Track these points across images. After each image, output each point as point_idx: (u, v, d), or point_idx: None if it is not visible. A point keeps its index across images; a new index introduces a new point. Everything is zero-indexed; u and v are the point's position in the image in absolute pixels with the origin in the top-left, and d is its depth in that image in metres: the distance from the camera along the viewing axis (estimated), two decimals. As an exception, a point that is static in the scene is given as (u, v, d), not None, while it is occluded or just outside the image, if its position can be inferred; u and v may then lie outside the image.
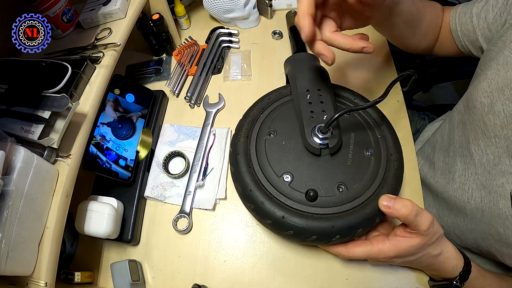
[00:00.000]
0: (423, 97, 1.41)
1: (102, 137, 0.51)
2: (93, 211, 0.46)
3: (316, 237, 0.37)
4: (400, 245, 0.37)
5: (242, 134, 0.44)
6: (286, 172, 0.40)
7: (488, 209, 0.43)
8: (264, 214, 0.38)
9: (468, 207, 0.47)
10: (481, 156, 0.45)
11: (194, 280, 0.48)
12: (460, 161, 0.49)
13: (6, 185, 0.33)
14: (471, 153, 0.47)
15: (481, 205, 0.44)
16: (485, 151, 0.45)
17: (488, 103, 0.43)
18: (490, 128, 0.43)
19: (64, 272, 0.46)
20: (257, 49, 0.71)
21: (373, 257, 0.38)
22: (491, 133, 0.43)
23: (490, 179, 0.43)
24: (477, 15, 0.50)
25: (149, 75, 0.70)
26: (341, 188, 0.39)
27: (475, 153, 0.46)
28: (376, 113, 0.46)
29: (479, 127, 0.45)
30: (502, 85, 0.42)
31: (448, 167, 0.53)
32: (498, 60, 0.43)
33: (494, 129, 0.43)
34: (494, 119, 0.42)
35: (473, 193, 0.46)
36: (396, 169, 0.41)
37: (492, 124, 0.43)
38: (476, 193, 0.46)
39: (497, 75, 0.43)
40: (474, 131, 0.46)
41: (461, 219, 0.48)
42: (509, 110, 0.41)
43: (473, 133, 0.47)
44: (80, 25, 0.55)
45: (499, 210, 0.41)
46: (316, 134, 0.39)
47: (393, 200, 0.35)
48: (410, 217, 0.35)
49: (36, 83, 0.43)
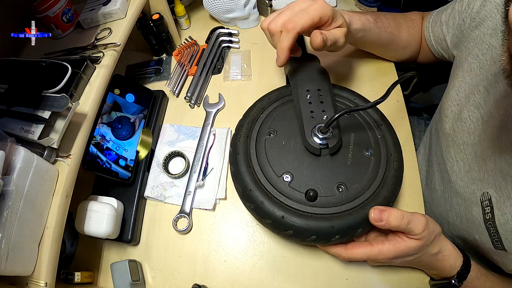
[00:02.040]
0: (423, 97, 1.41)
1: (102, 137, 0.51)
2: (93, 211, 0.46)
3: (316, 237, 0.37)
4: (399, 245, 0.37)
5: (242, 134, 0.44)
6: (286, 172, 0.40)
7: (465, 216, 0.43)
8: (264, 214, 0.38)
9: (450, 215, 0.47)
10: (452, 163, 0.45)
11: (194, 280, 0.48)
12: (437, 170, 0.50)
13: (6, 185, 0.33)
14: (444, 161, 0.47)
15: (459, 212, 0.44)
16: (455, 158, 0.45)
17: (457, 111, 0.44)
18: (459, 135, 0.44)
19: (64, 272, 0.46)
20: (257, 49, 0.71)
21: (372, 258, 0.38)
22: (460, 140, 0.43)
23: (463, 186, 0.43)
24: (446, 23, 0.51)
25: (149, 75, 0.70)
26: (341, 188, 0.39)
27: (447, 161, 0.46)
28: (376, 114, 0.46)
29: (450, 135, 0.45)
30: (468, 92, 0.42)
31: (429, 176, 0.53)
32: (463, 67, 0.44)
33: (462, 136, 0.43)
34: (462, 126, 0.43)
35: (451, 201, 0.46)
36: (396, 169, 0.41)
37: (460, 131, 0.43)
38: (454, 201, 0.46)
39: (464, 82, 0.43)
40: (446, 139, 0.47)
41: (446, 227, 0.49)
42: (474, 116, 0.41)
43: (445, 141, 0.47)
44: (80, 25, 0.55)
45: (473, 217, 0.41)
46: (316, 134, 0.39)
47: (383, 212, 0.36)
48: (402, 226, 0.35)
49: (36, 83, 0.43)
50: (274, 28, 0.41)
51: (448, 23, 0.50)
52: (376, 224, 0.36)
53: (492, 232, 0.38)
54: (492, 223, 0.38)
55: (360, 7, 0.77)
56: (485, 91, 0.40)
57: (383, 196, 0.39)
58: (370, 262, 0.43)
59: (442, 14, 0.52)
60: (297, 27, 0.38)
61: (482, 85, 0.40)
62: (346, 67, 0.67)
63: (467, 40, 0.45)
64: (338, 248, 0.39)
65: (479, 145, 0.41)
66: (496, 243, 0.38)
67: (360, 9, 0.77)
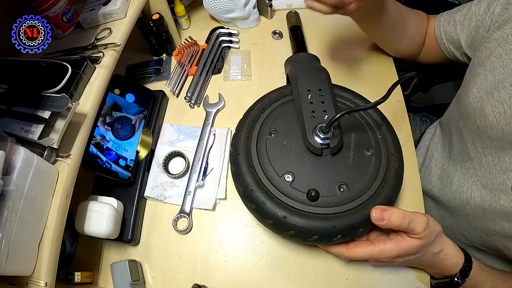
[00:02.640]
0: (422, 97, 1.41)
1: (102, 137, 0.51)
2: (93, 211, 0.46)
3: (318, 237, 0.37)
4: (401, 244, 0.37)
5: (242, 133, 0.44)
6: (287, 172, 0.40)
7: (489, 206, 0.44)
8: (265, 214, 0.38)
9: (468, 207, 0.47)
10: (480, 158, 0.46)
11: (194, 280, 0.48)
12: (461, 167, 0.50)
13: (6, 185, 0.32)
14: (471, 158, 0.48)
15: (481, 204, 0.45)
16: (483, 153, 0.46)
17: (479, 108, 0.45)
18: (483, 131, 0.44)
19: (64, 272, 0.46)
20: (257, 49, 0.71)
21: (374, 257, 0.38)
22: (485, 135, 0.44)
23: (491, 179, 0.44)
24: (461, 23, 0.52)
25: (149, 75, 0.70)
26: (342, 188, 0.39)
27: (474, 157, 0.47)
28: (377, 114, 0.46)
29: (474, 131, 0.46)
30: (491, 89, 0.43)
31: (446, 173, 0.53)
32: (485, 66, 0.45)
33: (486, 131, 0.44)
34: (485, 121, 0.44)
35: (471, 193, 0.47)
36: (397, 169, 0.41)
37: (484, 127, 0.44)
38: (475, 193, 0.46)
39: (486, 80, 0.45)
40: (471, 136, 0.47)
41: (463, 219, 0.49)
42: (497, 111, 0.42)
43: (470, 138, 0.48)
44: (80, 25, 0.55)
45: (501, 206, 0.42)
46: (317, 134, 0.39)
47: (384, 212, 0.36)
48: (403, 225, 0.36)
49: (36, 83, 0.43)
50: None
51: (463, 23, 0.51)
52: (378, 223, 0.36)
53: None
54: None
55: (360, 7, 0.77)
56: (510, 87, 0.41)
57: (384, 195, 0.39)
58: (371, 262, 0.43)
59: (456, 14, 0.53)
60: None
61: (507, 82, 0.42)
62: (346, 67, 0.67)
63: (488, 41, 0.46)
64: (339, 247, 0.39)
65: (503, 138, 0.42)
66: None
67: (360, 9, 0.77)
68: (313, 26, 0.73)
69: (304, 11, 0.75)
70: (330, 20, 0.75)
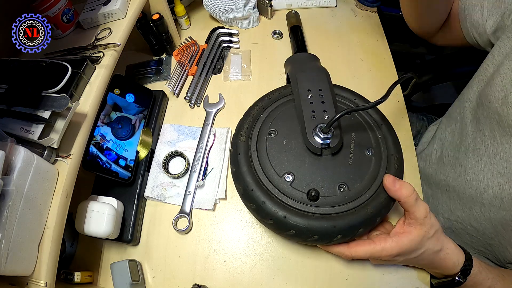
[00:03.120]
0: (423, 97, 1.41)
1: (102, 137, 0.51)
2: (93, 211, 0.46)
3: (318, 237, 0.37)
4: (401, 241, 0.37)
5: (242, 133, 0.44)
6: (288, 172, 0.40)
7: (508, 195, 0.43)
8: (265, 214, 0.38)
9: (485, 196, 0.47)
10: (496, 147, 0.46)
11: (194, 280, 0.48)
12: (473, 155, 0.50)
13: (6, 185, 0.33)
14: (486, 145, 0.48)
15: (500, 193, 0.45)
16: (501, 141, 0.46)
17: (502, 96, 0.45)
18: (504, 119, 0.44)
19: (64, 272, 0.46)
20: (257, 49, 0.71)
21: (376, 255, 0.38)
22: (505, 123, 0.44)
23: (508, 167, 0.44)
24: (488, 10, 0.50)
25: (149, 75, 0.70)
26: (343, 188, 0.39)
27: (490, 145, 0.47)
28: (377, 114, 0.46)
29: (494, 119, 0.46)
30: None
31: (459, 161, 0.53)
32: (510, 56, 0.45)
33: (507, 119, 0.44)
34: (507, 110, 0.43)
35: (489, 182, 0.47)
36: (397, 169, 0.41)
37: (506, 115, 0.44)
38: (493, 181, 0.46)
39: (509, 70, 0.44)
40: (490, 124, 0.47)
41: (477, 209, 0.49)
42: None
43: (489, 126, 0.48)
44: (80, 25, 0.55)
45: None
46: (317, 134, 0.39)
47: (396, 181, 0.37)
48: (411, 199, 0.36)
49: (36, 83, 0.43)
50: None
51: (491, 10, 0.50)
52: (389, 189, 0.37)
53: None
54: None
55: (360, 7, 0.77)
56: None
57: (384, 196, 0.39)
58: (372, 261, 0.43)
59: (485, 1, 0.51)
60: None
61: None
62: (346, 67, 0.67)
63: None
64: (340, 247, 0.39)
65: None
66: None
67: (360, 9, 0.77)
68: (313, 26, 0.73)
69: (304, 11, 0.75)
70: (330, 21, 0.76)
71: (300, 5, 0.77)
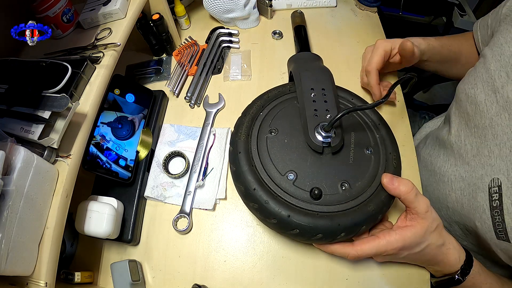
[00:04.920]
0: (423, 97, 1.41)
1: (102, 137, 0.51)
2: (93, 211, 0.46)
3: (322, 236, 0.37)
4: (405, 233, 0.37)
5: (242, 132, 0.44)
6: (290, 170, 0.40)
7: (468, 201, 0.43)
8: (268, 213, 0.38)
9: (449, 199, 0.47)
10: (460, 146, 0.46)
11: (194, 280, 0.48)
12: (443, 153, 0.51)
13: (6, 185, 0.32)
14: (452, 144, 0.48)
15: (461, 198, 0.45)
16: (464, 141, 0.45)
17: (472, 94, 0.45)
18: (471, 118, 0.44)
19: (64, 272, 0.46)
20: (257, 49, 0.71)
21: (381, 250, 0.38)
22: (472, 123, 0.44)
23: (469, 171, 0.44)
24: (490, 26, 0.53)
25: (149, 75, 0.70)
26: (344, 186, 0.39)
27: (455, 144, 0.47)
28: (374, 114, 0.47)
29: (463, 117, 0.46)
30: (487, 77, 0.43)
31: (431, 159, 0.54)
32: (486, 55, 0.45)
33: (474, 118, 0.44)
34: (475, 108, 0.43)
35: (452, 185, 0.47)
36: (395, 167, 0.42)
37: (473, 114, 0.44)
38: (456, 185, 0.46)
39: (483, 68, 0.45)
40: (459, 123, 0.48)
41: (444, 212, 0.49)
42: (490, 100, 0.42)
43: (456, 125, 0.48)
44: (80, 25, 0.55)
45: (477, 203, 0.41)
46: (319, 132, 0.40)
47: (394, 179, 0.38)
48: (410, 195, 0.37)
49: (36, 83, 0.43)
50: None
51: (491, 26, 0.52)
52: (388, 187, 0.38)
53: (497, 221, 0.38)
54: (499, 211, 0.38)
55: (360, 7, 0.77)
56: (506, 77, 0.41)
57: (385, 193, 0.39)
58: (377, 259, 0.43)
59: (489, 18, 0.54)
60: (373, 65, 0.53)
61: (504, 71, 0.41)
62: (346, 67, 0.67)
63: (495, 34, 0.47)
64: (345, 247, 0.39)
65: (490, 129, 0.41)
66: (499, 233, 0.38)
67: (360, 9, 0.77)
68: (313, 26, 0.73)
69: (304, 11, 0.74)
70: (331, 21, 0.76)
71: (300, 5, 0.77)
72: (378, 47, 0.54)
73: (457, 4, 1.16)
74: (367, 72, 0.55)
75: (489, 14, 0.54)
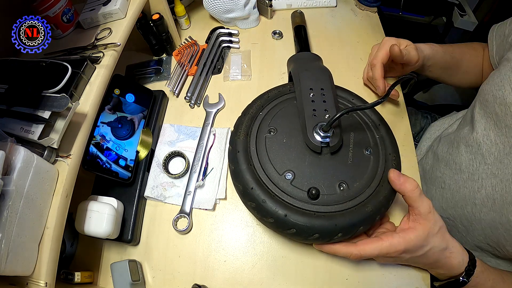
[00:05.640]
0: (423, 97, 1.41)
1: (102, 137, 0.51)
2: (93, 211, 0.46)
3: (319, 235, 0.37)
4: (408, 236, 0.37)
5: (241, 131, 0.44)
6: (288, 170, 0.40)
7: (500, 197, 0.44)
8: (266, 212, 0.38)
9: (478, 196, 0.47)
10: (490, 146, 0.47)
11: (194, 280, 0.48)
12: (465, 151, 0.51)
13: (6, 185, 0.33)
14: (479, 143, 0.48)
15: (493, 194, 0.45)
16: (495, 141, 0.46)
17: (500, 96, 0.45)
18: (501, 119, 0.45)
19: (64, 272, 0.46)
20: (257, 49, 0.71)
21: (384, 252, 0.38)
22: (502, 123, 0.45)
23: (502, 168, 0.45)
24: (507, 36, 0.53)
25: (149, 75, 0.70)
26: (342, 187, 0.39)
27: (483, 143, 0.48)
28: (374, 115, 0.47)
29: (491, 118, 0.47)
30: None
31: (452, 157, 0.54)
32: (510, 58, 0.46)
33: (505, 119, 0.44)
34: (505, 110, 0.44)
35: (483, 182, 0.47)
36: (395, 167, 0.41)
37: (504, 115, 0.45)
38: (487, 182, 0.46)
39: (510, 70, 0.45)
40: (485, 123, 0.48)
41: (468, 209, 0.49)
42: None
43: (483, 125, 0.49)
44: (80, 25, 0.55)
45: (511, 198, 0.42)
46: (317, 132, 0.39)
47: (401, 175, 0.38)
48: (414, 193, 0.37)
49: (36, 83, 0.43)
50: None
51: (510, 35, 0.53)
52: (393, 183, 0.39)
53: None
54: None
55: (360, 7, 0.77)
56: None
57: (383, 194, 0.39)
58: (379, 260, 0.43)
59: (506, 28, 0.54)
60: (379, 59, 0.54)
61: None
62: (346, 67, 0.67)
63: None
64: (348, 247, 0.39)
65: None
66: None
67: (360, 9, 0.77)
68: (313, 26, 0.73)
69: (304, 11, 0.75)
70: (330, 20, 0.76)
71: (300, 5, 0.77)
72: (384, 43, 0.55)
73: (457, 4, 1.16)
74: (372, 65, 0.55)
75: (506, 23, 0.55)
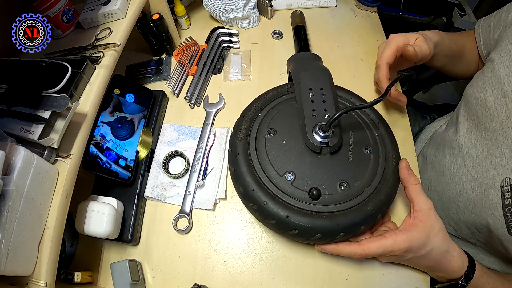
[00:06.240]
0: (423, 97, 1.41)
1: (102, 137, 0.51)
2: (93, 211, 0.46)
3: (321, 236, 0.37)
4: (411, 233, 0.38)
5: (241, 133, 0.44)
6: (288, 171, 0.40)
7: (480, 200, 0.44)
8: (267, 214, 0.38)
9: (461, 199, 0.48)
10: (470, 148, 0.47)
11: (194, 280, 0.48)
12: (449, 154, 0.51)
13: (6, 185, 0.32)
14: (461, 146, 0.49)
15: (473, 197, 0.46)
16: (475, 143, 0.47)
17: (482, 98, 0.46)
18: (481, 121, 0.45)
19: (64, 272, 0.46)
20: (257, 49, 0.71)
21: (388, 249, 0.38)
22: (482, 125, 0.45)
23: (481, 171, 0.45)
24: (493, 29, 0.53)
25: (149, 75, 0.70)
26: (343, 186, 0.39)
27: (464, 145, 0.48)
28: (373, 113, 0.47)
29: (473, 121, 0.47)
30: (496, 81, 0.44)
31: (437, 159, 0.54)
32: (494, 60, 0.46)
33: (485, 122, 0.45)
34: (485, 112, 0.45)
35: (464, 185, 0.48)
36: (395, 166, 0.41)
37: (484, 117, 0.45)
38: (467, 185, 0.47)
39: (492, 72, 0.45)
40: (468, 125, 0.49)
41: (453, 211, 0.50)
42: (499, 104, 0.43)
43: (465, 127, 0.49)
44: (80, 25, 0.55)
45: (490, 201, 0.42)
46: (317, 132, 0.39)
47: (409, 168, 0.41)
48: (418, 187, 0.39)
49: (36, 83, 0.43)
50: None
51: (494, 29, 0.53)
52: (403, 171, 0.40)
53: (510, 218, 0.40)
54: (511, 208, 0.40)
55: (360, 7, 0.77)
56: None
57: (384, 192, 0.39)
58: (381, 259, 0.43)
59: (491, 21, 0.54)
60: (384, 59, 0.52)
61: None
62: (346, 67, 0.67)
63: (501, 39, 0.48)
64: (352, 246, 0.39)
65: (500, 131, 0.43)
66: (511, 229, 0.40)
67: (360, 9, 0.77)
68: (313, 26, 0.73)
69: (304, 11, 0.75)
70: (330, 20, 0.76)
71: (300, 5, 0.77)
72: (390, 41, 0.52)
73: (457, 4, 1.16)
74: (377, 66, 0.53)
75: (491, 16, 0.54)
